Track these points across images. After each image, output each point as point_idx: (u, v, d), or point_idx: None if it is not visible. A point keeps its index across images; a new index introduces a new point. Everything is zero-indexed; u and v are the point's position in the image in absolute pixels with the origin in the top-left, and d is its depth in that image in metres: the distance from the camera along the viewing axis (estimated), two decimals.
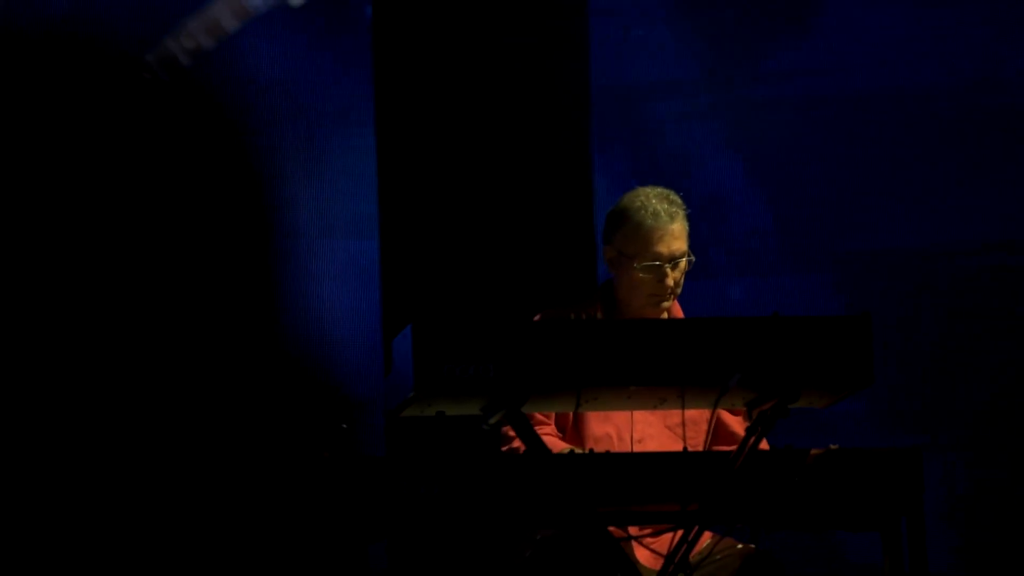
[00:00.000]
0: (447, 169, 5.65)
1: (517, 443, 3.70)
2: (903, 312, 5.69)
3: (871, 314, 3.13)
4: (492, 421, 3.10)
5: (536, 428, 3.42)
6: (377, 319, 5.60)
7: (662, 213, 3.84)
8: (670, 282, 3.84)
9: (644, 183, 4.02)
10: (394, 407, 3.19)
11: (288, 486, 4.38)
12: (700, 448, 3.44)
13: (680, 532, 3.16)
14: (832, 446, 3.17)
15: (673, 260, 3.84)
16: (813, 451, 3.15)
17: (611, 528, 3.22)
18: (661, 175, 4.96)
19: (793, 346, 3.08)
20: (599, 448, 3.67)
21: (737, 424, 3.84)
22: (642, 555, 3.56)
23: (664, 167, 5.68)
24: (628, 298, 3.90)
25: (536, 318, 3.82)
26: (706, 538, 3.58)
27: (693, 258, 3.89)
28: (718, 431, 3.77)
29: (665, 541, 3.48)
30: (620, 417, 3.84)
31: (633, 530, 3.47)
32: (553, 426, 3.86)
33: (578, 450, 3.70)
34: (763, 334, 3.09)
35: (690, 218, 3.92)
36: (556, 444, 3.75)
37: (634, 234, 3.85)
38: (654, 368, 3.05)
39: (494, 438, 3.75)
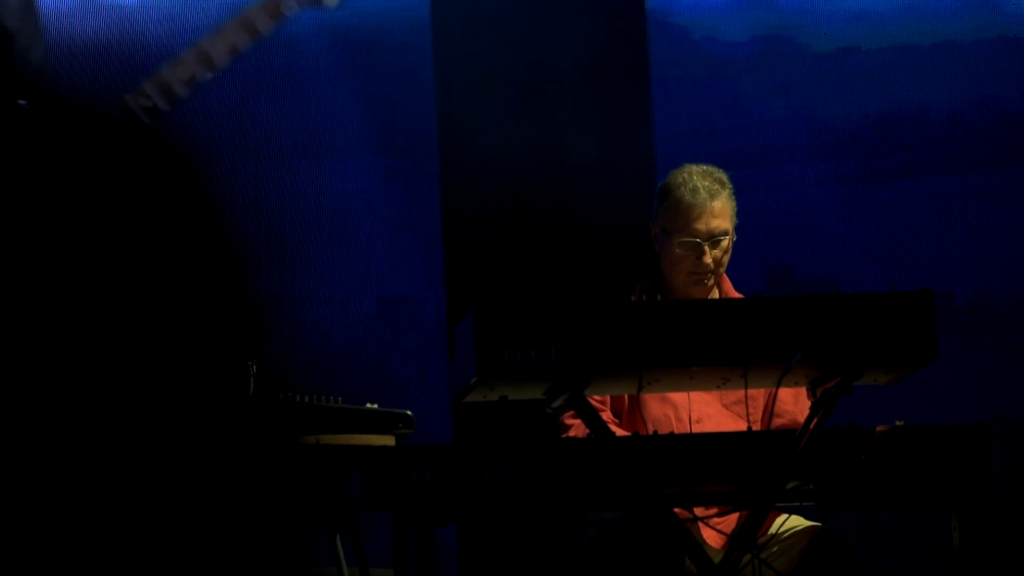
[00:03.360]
0: (506, 153, 5.65)
1: (574, 432, 3.70)
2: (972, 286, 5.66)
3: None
4: (555, 405, 3.11)
5: None
6: (442, 305, 5.64)
7: (702, 190, 3.82)
8: (708, 260, 3.81)
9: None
10: (457, 393, 3.21)
11: (354, 472, 4.42)
12: (758, 425, 3.43)
13: (746, 512, 3.16)
14: (898, 423, 3.16)
15: (712, 238, 3.82)
16: (879, 428, 3.13)
17: (677, 509, 3.22)
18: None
19: (855, 323, 3.06)
20: (660, 430, 3.67)
21: (791, 399, 3.80)
22: (709, 536, 3.56)
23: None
24: (670, 276, 3.88)
25: (596, 299, 3.82)
26: (772, 517, 3.57)
27: (735, 237, 3.87)
28: (775, 408, 3.76)
29: (731, 521, 3.48)
30: (678, 397, 3.84)
31: (699, 511, 3.46)
32: (609, 411, 3.86)
33: (639, 433, 3.70)
34: (825, 311, 3.08)
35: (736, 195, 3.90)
36: (614, 431, 3.76)
37: (674, 210, 3.84)
38: (717, 348, 3.04)
39: (553, 427, 3.76)
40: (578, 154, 5.62)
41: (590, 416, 3.09)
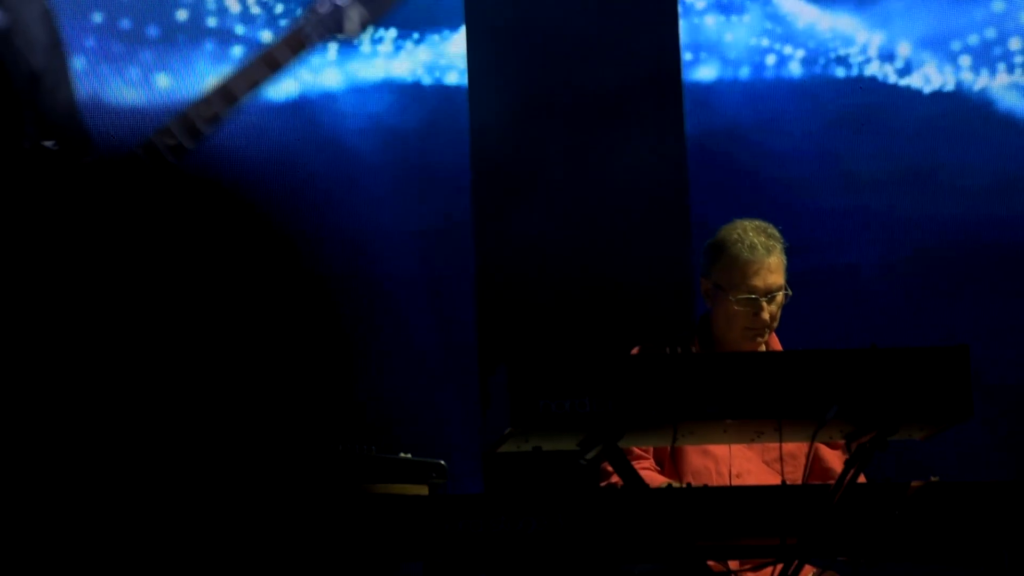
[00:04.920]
0: (541, 201, 5.67)
1: (615, 479, 3.70)
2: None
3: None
4: (589, 456, 3.11)
5: (634, 462, 3.42)
6: (475, 355, 5.64)
7: (759, 246, 3.82)
8: (766, 316, 3.81)
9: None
10: (491, 443, 3.21)
11: (384, 522, 4.42)
12: (798, 483, 3.41)
13: (780, 566, 3.15)
14: (933, 478, 3.14)
15: (769, 294, 3.82)
16: (913, 484, 3.12)
17: (711, 562, 3.21)
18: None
19: (891, 378, 3.06)
20: (697, 482, 3.66)
21: (835, 459, 3.79)
22: None
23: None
24: (724, 332, 3.88)
25: (633, 352, 3.82)
26: (807, 572, 3.55)
27: (790, 292, 3.86)
28: (815, 465, 3.74)
29: (765, 575, 3.46)
30: (719, 451, 3.82)
31: (733, 564, 3.46)
32: (651, 460, 3.85)
33: (676, 484, 3.70)
34: (860, 366, 3.08)
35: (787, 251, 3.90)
36: (654, 478, 3.75)
37: (730, 267, 3.84)
38: (750, 401, 3.04)
39: (592, 474, 3.75)
40: (614, 209, 5.64)
41: (624, 467, 3.09)
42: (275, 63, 2.62)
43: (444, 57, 5.87)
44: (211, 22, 5.66)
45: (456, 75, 5.83)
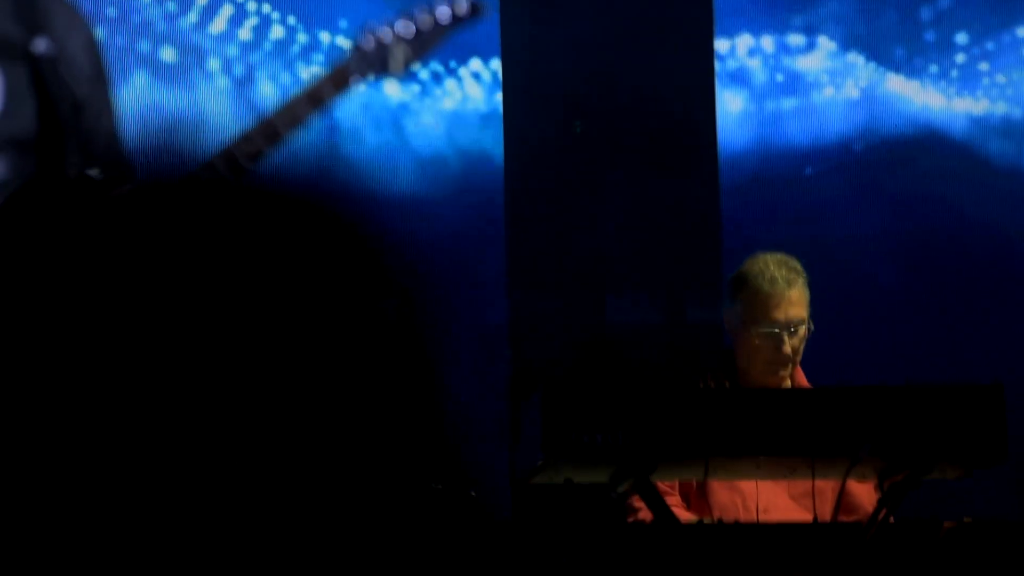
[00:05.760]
0: (575, 230, 5.68)
1: (644, 514, 3.69)
2: None
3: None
4: (620, 489, 3.11)
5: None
6: (503, 385, 5.64)
7: (780, 279, 3.82)
8: (787, 349, 3.80)
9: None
10: (522, 474, 3.22)
11: (415, 551, 4.42)
12: (827, 519, 3.40)
13: None
14: (966, 519, 3.12)
15: (791, 327, 3.81)
16: (946, 523, 3.10)
17: None
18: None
19: (925, 416, 3.05)
20: (725, 517, 3.65)
21: (865, 495, 3.77)
22: None
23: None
24: (747, 365, 3.87)
25: (665, 385, 3.82)
26: None
27: (812, 327, 3.85)
28: (845, 501, 3.72)
29: None
30: (746, 486, 3.81)
31: None
32: (677, 495, 3.84)
33: (705, 519, 3.69)
34: (894, 403, 3.07)
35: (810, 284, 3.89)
36: (681, 514, 3.74)
37: (752, 300, 3.84)
38: (784, 438, 3.03)
39: (620, 509, 3.75)
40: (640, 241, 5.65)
41: (655, 502, 3.09)
42: (319, 99, 2.62)
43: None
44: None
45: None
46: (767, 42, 5.93)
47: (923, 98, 5.92)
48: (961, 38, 5.89)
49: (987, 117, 5.93)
